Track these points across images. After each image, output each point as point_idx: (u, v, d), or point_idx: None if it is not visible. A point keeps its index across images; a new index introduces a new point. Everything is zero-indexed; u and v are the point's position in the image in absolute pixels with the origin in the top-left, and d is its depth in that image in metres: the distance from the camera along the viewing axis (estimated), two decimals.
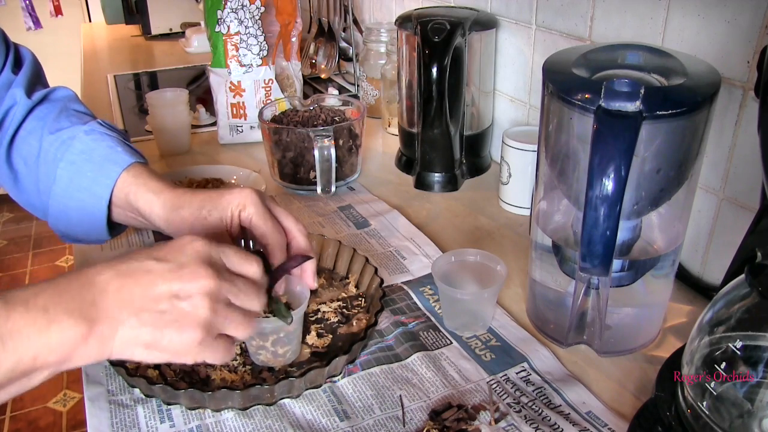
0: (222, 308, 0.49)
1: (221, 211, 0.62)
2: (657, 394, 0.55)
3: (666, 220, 0.67)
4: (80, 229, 0.70)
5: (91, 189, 0.67)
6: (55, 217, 0.70)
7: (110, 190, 0.67)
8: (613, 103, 0.55)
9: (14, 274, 2.85)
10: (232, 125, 1.25)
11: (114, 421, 0.62)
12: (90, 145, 0.68)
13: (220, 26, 1.19)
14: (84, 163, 0.68)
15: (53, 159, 0.68)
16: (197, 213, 0.63)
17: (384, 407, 0.63)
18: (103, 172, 0.67)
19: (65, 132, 0.69)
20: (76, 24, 3.15)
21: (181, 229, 0.64)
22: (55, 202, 0.69)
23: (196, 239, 0.50)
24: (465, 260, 0.75)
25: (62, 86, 0.76)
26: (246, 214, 0.62)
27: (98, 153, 0.68)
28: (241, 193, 0.63)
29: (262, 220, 0.62)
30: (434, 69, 0.96)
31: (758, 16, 0.66)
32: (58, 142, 0.69)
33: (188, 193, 0.65)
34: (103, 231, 0.70)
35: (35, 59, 0.75)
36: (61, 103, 0.73)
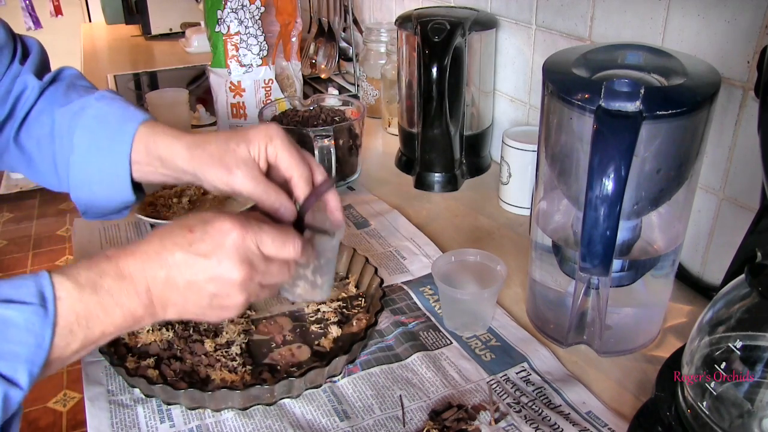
0: (256, 288, 0.55)
1: (249, 143, 0.63)
2: (657, 394, 0.55)
3: (666, 220, 0.67)
4: (104, 194, 0.70)
5: (110, 148, 0.67)
6: (76, 188, 0.70)
7: (129, 145, 0.67)
8: (613, 103, 0.55)
9: (14, 274, 2.85)
10: (232, 125, 1.25)
11: (114, 421, 0.62)
12: (103, 109, 0.69)
13: (220, 26, 1.19)
14: (99, 126, 0.68)
15: (68, 130, 0.68)
16: (224, 146, 0.63)
17: (384, 407, 0.63)
18: (119, 130, 0.67)
19: (75, 103, 0.70)
20: (76, 24, 3.15)
21: (207, 162, 0.64)
22: (75, 171, 0.69)
23: (235, 227, 0.53)
24: (465, 260, 0.75)
25: (67, 66, 0.77)
26: (272, 148, 0.63)
27: (112, 115, 0.69)
28: (268, 126, 0.64)
29: (288, 153, 0.63)
30: (434, 69, 0.96)
31: (758, 16, 0.66)
32: (69, 113, 0.69)
33: (210, 133, 0.66)
34: (128, 191, 0.69)
35: (41, 47, 0.76)
36: (68, 80, 0.74)
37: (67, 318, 0.48)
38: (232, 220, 0.53)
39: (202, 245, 0.52)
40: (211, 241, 0.52)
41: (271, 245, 0.54)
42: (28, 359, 0.46)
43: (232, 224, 0.53)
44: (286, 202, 0.62)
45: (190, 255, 0.52)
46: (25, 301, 0.47)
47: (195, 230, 0.53)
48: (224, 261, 0.52)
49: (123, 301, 0.50)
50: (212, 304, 0.54)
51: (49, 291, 0.48)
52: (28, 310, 0.46)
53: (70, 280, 0.49)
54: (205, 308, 0.54)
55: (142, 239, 0.54)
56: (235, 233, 0.52)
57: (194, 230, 0.53)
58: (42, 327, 0.47)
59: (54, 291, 0.48)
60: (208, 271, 0.52)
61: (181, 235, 0.53)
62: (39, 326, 0.46)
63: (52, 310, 0.47)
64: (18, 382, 0.46)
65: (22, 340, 0.46)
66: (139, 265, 0.52)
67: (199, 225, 0.53)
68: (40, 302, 0.47)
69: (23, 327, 0.46)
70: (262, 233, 0.54)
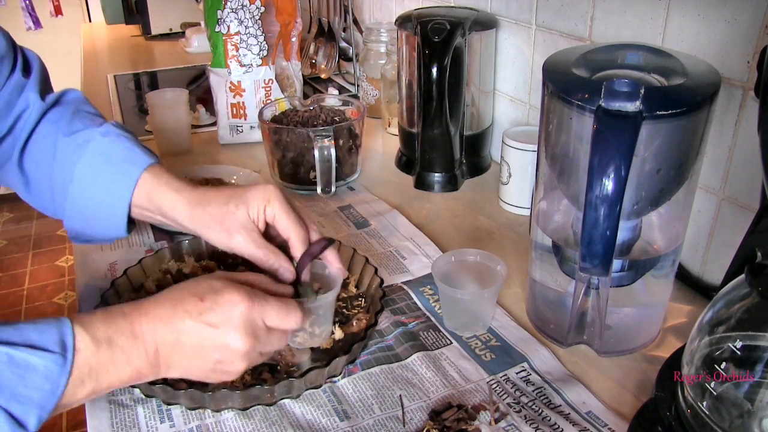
0: (256, 356, 0.58)
1: (248, 205, 0.66)
2: (657, 394, 0.55)
3: (666, 220, 0.67)
4: (98, 227, 0.71)
5: (111, 189, 0.69)
6: (71, 218, 0.71)
7: (131, 190, 0.68)
8: (613, 103, 0.55)
9: (14, 274, 2.85)
10: (232, 125, 1.25)
11: (114, 421, 0.62)
12: (108, 146, 0.70)
13: (220, 26, 1.19)
14: (102, 164, 0.69)
15: (69, 161, 0.69)
16: (224, 208, 0.66)
17: (384, 407, 0.63)
18: (122, 172, 0.69)
19: (80, 135, 0.70)
20: (76, 24, 3.15)
21: (208, 224, 0.67)
22: (72, 202, 0.70)
23: (243, 301, 0.55)
24: (465, 260, 0.75)
25: (71, 89, 0.77)
26: (270, 209, 0.66)
27: (116, 154, 0.70)
28: (265, 188, 0.67)
29: (286, 214, 0.66)
30: (434, 69, 0.96)
31: (758, 16, 0.66)
32: (73, 144, 0.70)
33: (211, 190, 0.69)
34: (122, 229, 0.71)
35: (42, 63, 0.76)
36: (73, 106, 0.74)
37: (81, 369, 0.50)
38: (241, 293, 0.56)
39: (211, 315, 0.55)
40: (220, 312, 0.55)
41: (275, 318, 0.57)
42: (40, 404, 0.48)
43: (241, 297, 0.55)
44: (285, 263, 0.66)
45: (200, 324, 0.55)
46: (48, 349, 0.49)
47: (205, 300, 0.55)
48: (231, 332, 0.55)
49: (133, 360, 0.53)
50: (215, 369, 0.57)
51: (69, 341, 0.50)
52: (49, 357, 0.48)
53: (89, 334, 0.51)
54: (208, 372, 0.57)
55: (155, 298, 0.57)
56: (243, 306, 0.55)
57: (205, 299, 0.55)
58: (59, 375, 0.49)
59: (74, 342, 0.50)
60: (215, 340, 0.55)
61: (192, 303, 0.55)
62: (56, 374, 0.49)
63: (70, 360, 0.49)
64: (27, 425, 0.48)
65: (39, 385, 0.48)
66: (151, 327, 0.54)
67: (210, 294, 0.56)
68: (61, 351, 0.49)
69: (42, 373, 0.48)
70: (267, 306, 0.57)
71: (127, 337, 0.53)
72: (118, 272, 0.79)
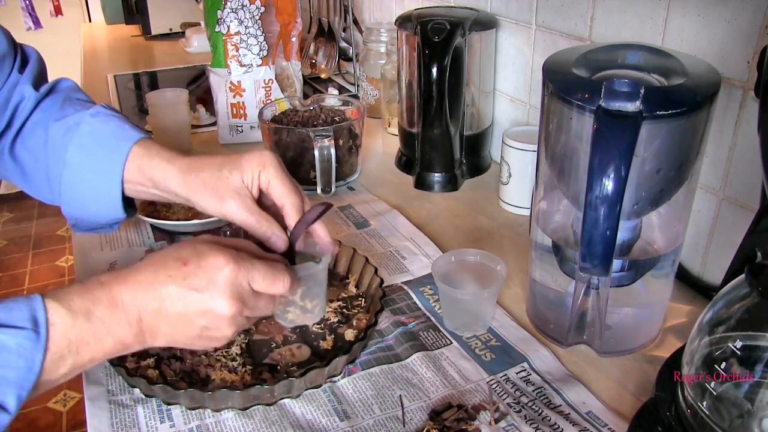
0: (243, 321, 0.56)
1: (242, 171, 0.64)
2: (657, 394, 0.55)
3: (666, 220, 0.67)
4: (95, 210, 0.71)
5: (103, 167, 0.68)
6: (68, 203, 0.70)
7: (122, 165, 0.68)
8: (613, 103, 0.55)
9: (14, 274, 2.85)
10: (232, 125, 1.25)
11: (114, 421, 0.62)
12: (97, 126, 0.69)
13: (220, 26, 1.19)
14: (93, 143, 0.69)
15: (61, 145, 0.69)
16: (217, 173, 0.65)
17: (384, 407, 0.63)
18: (113, 149, 0.68)
19: (70, 118, 0.70)
20: (76, 24, 3.15)
21: (200, 190, 0.65)
22: (67, 187, 0.69)
23: (228, 263, 0.53)
24: (465, 260, 0.75)
25: (65, 78, 0.77)
26: (265, 175, 0.65)
27: (106, 132, 0.69)
28: (261, 154, 0.65)
29: (281, 181, 0.65)
30: (434, 69, 0.96)
31: (758, 16, 0.66)
32: (64, 128, 0.69)
33: (204, 157, 0.67)
34: (119, 209, 0.70)
35: (40, 57, 0.76)
36: (64, 93, 0.75)
37: (59, 344, 0.48)
38: (226, 256, 0.54)
39: (195, 279, 0.53)
40: (204, 275, 0.53)
41: (262, 282, 0.56)
42: (17, 383, 0.46)
43: (226, 260, 0.53)
44: (278, 231, 0.64)
45: (183, 288, 0.53)
46: (18, 326, 0.47)
47: (189, 263, 0.53)
48: (216, 296, 0.53)
49: (114, 329, 0.51)
50: (201, 335, 0.55)
51: (41, 316, 0.48)
52: (20, 334, 0.47)
53: (63, 306, 0.49)
54: (194, 338, 0.55)
55: (135, 266, 0.55)
56: (228, 269, 0.53)
57: (188, 263, 0.53)
58: (33, 352, 0.47)
59: (47, 316, 0.48)
60: (200, 305, 0.53)
61: (175, 268, 0.53)
62: (30, 351, 0.47)
63: (44, 335, 0.48)
64: (6, 405, 0.46)
65: (13, 364, 0.46)
66: (132, 294, 0.52)
67: (194, 258, 0.54)
68: (32, 327, 0.47)
69: (14, 351, 0.46)
70: (253, 270, 0.55)
71: (106, 307, 0.51)
72: None
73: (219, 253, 0.54)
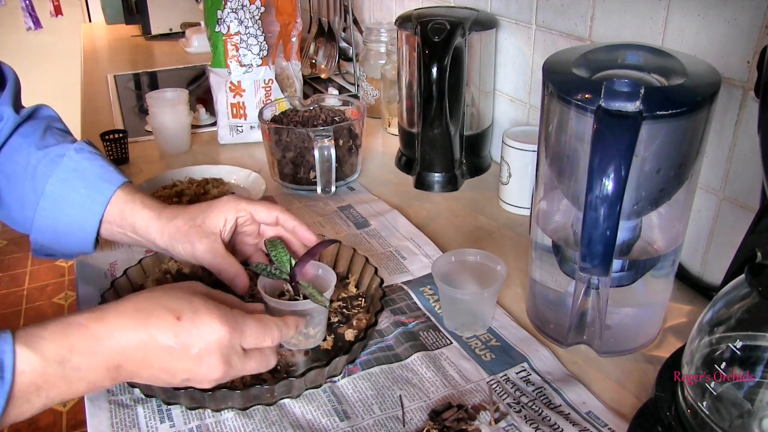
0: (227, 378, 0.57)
1: (211, 217, 0.70)
2: (657, 394, 0.55)
3: (666, 220, 0.67)
4: (65, 242, 0.72)
5: (84, 205, 0.70)
6: (39, 231, 0.72)
7: (104, 206, 0.70)
8: (613, 103, 0.55)
9: (14, 274, 2.85)
10: (232, 125, 1.25)
11: (114, 421, 0.62)
12: (82, 163, 0.71)
13: (220, 26, 1.19)
14: (76, 180, 0.70)
15: (42, 174, 0.70)
16: (191, 222, 0.70)
17: (384, 407, 0.63)
18: (96, 189, 0.70)
19: (53, 149, 0.71)
20: (76, 24, 3.15)
21: (175, 237, 0.69)
22: (41, 216, 0.70)
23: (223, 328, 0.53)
24: (465, 260, 0.75)
25: (44, 105, 0.78)
26: (244, 212, 0.71)
27: (91, 171, 0.71)
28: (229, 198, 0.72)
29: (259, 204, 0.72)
30: (434, 69, 0.96)
31: (758, 16, 0.66)
32: (47, 158, 0.71)
33: (182, 207, 0.73)
34: (89, 245, 0.72)
35: (17, 77, 0.77)
36: (46, 122, 0.76)
37: (26, 390, 0.48)
38: (221, 318, 0.53)
39: (187, 337, 0.52)
40: (197, 335, 0.53)
41: (253, 339, 0.56)
42: None
43: (221, 323, 0.53)
44: (241, 273, 0.69)
45: (173, 345, 0.52)
46: None
47: (182, 318, 0.53)
48: (206, 360, 0.53)
49: (89, 375, 0.50)
50: (180, 384, 0.55)
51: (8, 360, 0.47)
52: None
53: (36, 354, 0.48)
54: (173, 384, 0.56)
55: (122, 306, 0.53)
56: (222, 333, 0.53)
57: (182, 318, 0.53)
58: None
59: (14, 362, 0.47)
60: (187, 364, 0.53)
61: (167, 321, 0.52)
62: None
63: (9, 380, 0.46)
64: None
65: None
66: (116, 341, 0.51)
67: (188, 313, 0.53)
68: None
69: None
70: (246, 330, 0.55)
71: (83, 355, 0.49)
72: (118, 272, 0.79)
73: (214, 314, 0.53)
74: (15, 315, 2.56)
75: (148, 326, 0.52)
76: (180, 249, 0.69)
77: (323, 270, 0.71)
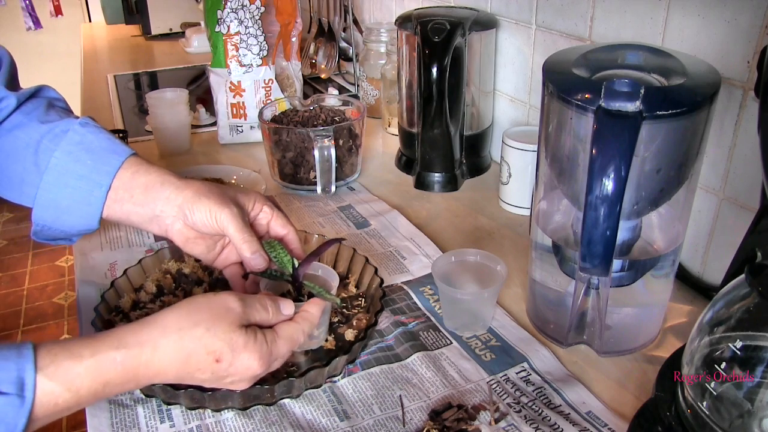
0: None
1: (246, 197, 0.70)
2: (657, 394, 0.55)
3: (666, 220, 0.67)
4: (68, 217, 0.70)
5: (90, 176, 0.68)
6: (42, 207, 0.70)
7: (111, 177, 0.68)
8: (613, 103, 0.55)
9: (14, 274, 2.85)
10: (232, 125, 1.25)
11: (114, 421, 0.62)
12: (87, 137, 0.70)
13: (220, 26, 1.19)
14: (82, 152, 0.69)
15: (46, 149, 0.69)
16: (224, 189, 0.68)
17: (384, 407, 0.63)
18: (103, 160, 0.68)
19: (58, 124, 0.70)
20: (76, 24, 3.15)
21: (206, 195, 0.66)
22: (45, 190, 0.69)
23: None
24: (465, 260, 0.75)
25: (47, 86, 0.77)
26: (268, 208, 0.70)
27: (97, 144, 0.70)
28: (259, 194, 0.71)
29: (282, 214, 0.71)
30: (434, 69, 0.96)
31: (758, 16, 0.66)
32: (51, 133, 0.69)
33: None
34: (95, 218, 0.70)
35: (12, 60, 0.76)
36: (48, 100, 0.75)
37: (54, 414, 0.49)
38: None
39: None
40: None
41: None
42: None
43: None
44: (262, 251, 0.67)
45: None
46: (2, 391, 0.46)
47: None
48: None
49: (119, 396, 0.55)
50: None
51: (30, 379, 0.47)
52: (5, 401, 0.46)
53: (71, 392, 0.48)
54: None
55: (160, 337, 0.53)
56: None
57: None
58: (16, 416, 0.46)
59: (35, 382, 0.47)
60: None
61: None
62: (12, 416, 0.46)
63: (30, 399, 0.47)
64: None
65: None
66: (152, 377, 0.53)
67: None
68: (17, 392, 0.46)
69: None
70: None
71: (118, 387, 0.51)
72: (118, 272, 0.79)
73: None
74: (15, 315, 2.56)
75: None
76: (206, 206, 0.65)
77: (324, 270, 0.71)
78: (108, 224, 0.95)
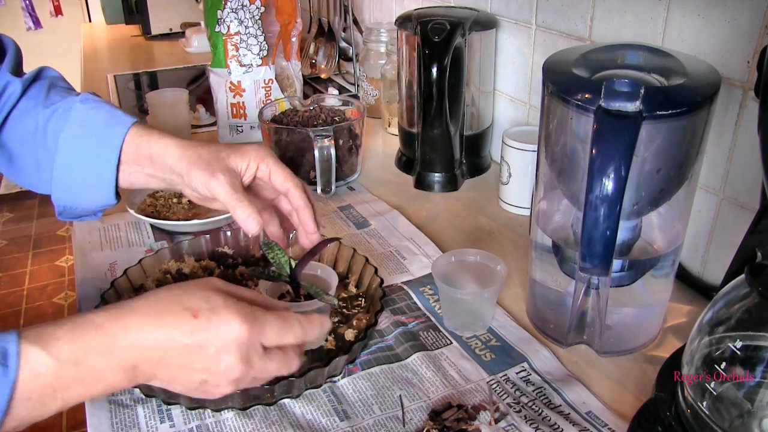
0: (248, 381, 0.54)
1: (240, 156, 0.68)
2: (657, 394, 0.55)
3: (666, 220, 0.67)
4: (86, 196, 0.71)
5: (99, 153, 0.69)
6: (59, 190, 0.71)
7: (118, 149, 0.68)
8: (613, 103, 0.55)
9: (14, 274, 2.85)
10: (232, 125, 1.25)
11: (114, 421, 0.62)
12: (89, 113, 0.70)
13: (220, 26, 1.19)
14: (86, 129, 0.69)
15: (53, 131, 0.69)
16: (215, 153, 0.67)
17: (384, 407, 0.63)
18: (107, 135, 0.69)
19: (59, 105, 0.70)
20: (76, 24, 3.15)
21: (195, 164, 0.66)
22: (59, 173, 0.69)
23: (242, 325, 0.51)
24: (465, 260, 0.75)
25: (47, 66, 0.77)
26: (265, 166, 0.68)
27: (99, 118, 0.70)
28: (260, 147, 0.69)
29: (281, 169, 0.69)
30: (434, 69, 0.96)
31: (758, 16, 0.66)
32: (55, 116, 0.70)
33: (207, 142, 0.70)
34: (111, 194, 0.70)
35: (18, 47, 0.76)
36: (49, 80, 0.75)
37: (42, 392, 0.47)
38: (240, 315, 0.51)
39: (203, 335, 0.50)
40: (215, 333, 0.50)
41: (275, 338, 0.53)
42: None
43: (240, 320, 0.51)
44: (255, 215, 0.65)
45: (191, 344, 0.50)
46: None
47: (199, 316, 0.50)
48: (224, 357, 0.51)
49: (106, 376, 0.49)
50: (199, 388, 0.53)
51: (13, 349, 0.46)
52: None
53: (50, 355, 0.46)
54: (191, 390, 0.53)
55: (137, 305, 0.51)
56: (241, 331, 0.51)
57: (198, 315, 0.50)
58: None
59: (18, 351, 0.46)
60: (205, 362, 0.51)
61: (183, 318, 0.50)
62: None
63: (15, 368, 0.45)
64: None
65: None
66: (131, 341, 0.49)
67: (205, 311, 0.51)
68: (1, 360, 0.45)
69: None
70: (266, 326, 0.53)
71: (99, 354, 0.48)
72: (118, 272, 0.79)
73: (233, 311, 0.51)
74: (15, 315, 2.56)
75: (165, 325, 0.50)
76: (195, 175, 0.66)
77: (323, 270, 0.71)
78: (108, 224, 0.96)
